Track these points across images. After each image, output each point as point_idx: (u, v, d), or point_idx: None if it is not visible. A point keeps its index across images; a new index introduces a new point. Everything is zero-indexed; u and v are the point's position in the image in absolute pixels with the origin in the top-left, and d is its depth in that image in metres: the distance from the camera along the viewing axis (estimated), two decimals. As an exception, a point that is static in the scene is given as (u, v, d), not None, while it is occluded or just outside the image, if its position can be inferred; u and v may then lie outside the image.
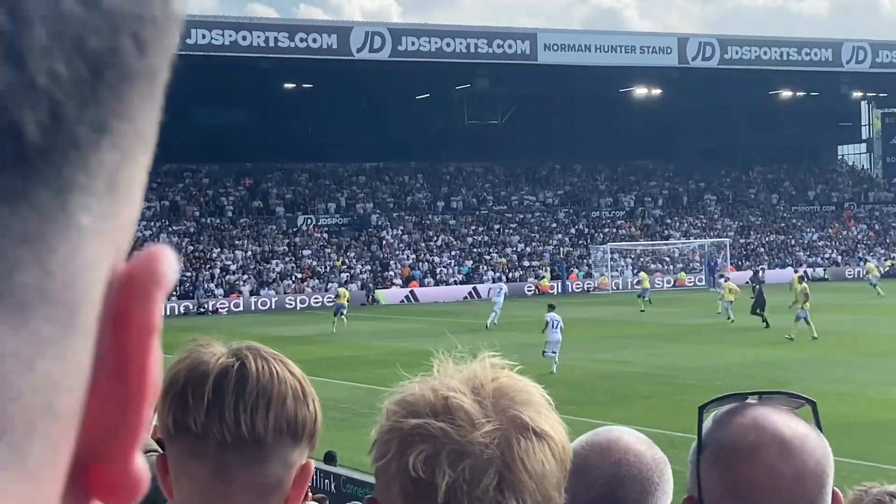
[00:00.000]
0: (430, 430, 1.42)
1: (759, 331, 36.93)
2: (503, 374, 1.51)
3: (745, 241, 79.36)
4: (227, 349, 1.91)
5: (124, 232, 0.50)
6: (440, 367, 1.52)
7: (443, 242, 73.04)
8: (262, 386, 1.83)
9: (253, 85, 70.02)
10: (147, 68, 0.48)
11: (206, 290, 62.32)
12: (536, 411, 1.47)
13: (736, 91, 79.77)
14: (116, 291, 0.48)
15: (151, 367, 0.48)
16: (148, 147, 0.50)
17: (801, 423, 1.84)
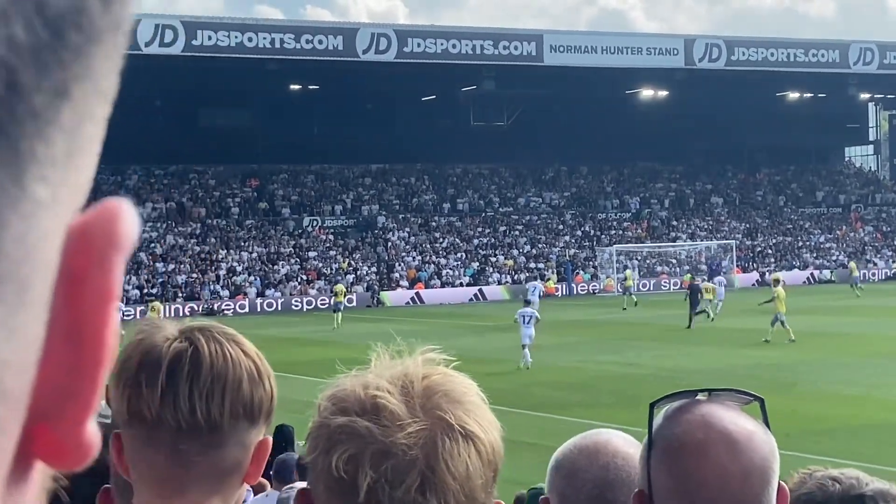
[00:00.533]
0: (355, 429, 1.42)
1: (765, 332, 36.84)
2: (436, 372, 1.49)
3: (752, 244, 79.25)
4: (179, 331, 1.86)
5: (82, 190, 0.49)
6: (376, 361, 1.51)
7: (449, 244, 73.01)
8: (216, 371, 1.80)
9: (259, 86, 70.06)
10: (112, 23, 0.45)
11: (212, 292, 62.33)
12: (465, 411, 1.45)
13: (743, 92, 79.70)
14: (71, 250, 0.46)
15: (108, 334, 0.46)
16: (107, 100, 0.48)
17: (748, 420, 1.86)
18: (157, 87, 69.42)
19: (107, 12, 0.45)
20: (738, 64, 73.20)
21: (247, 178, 76.63)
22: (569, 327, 42.37)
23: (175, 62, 61.99)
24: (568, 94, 77.22)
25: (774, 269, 75.25)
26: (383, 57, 65.05)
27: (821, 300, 54.06)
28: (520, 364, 29.42)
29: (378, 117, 77.78)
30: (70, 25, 0.43)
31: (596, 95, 77.90)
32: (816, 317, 43.16)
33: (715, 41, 73.40)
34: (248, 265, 66.43)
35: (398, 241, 72.60)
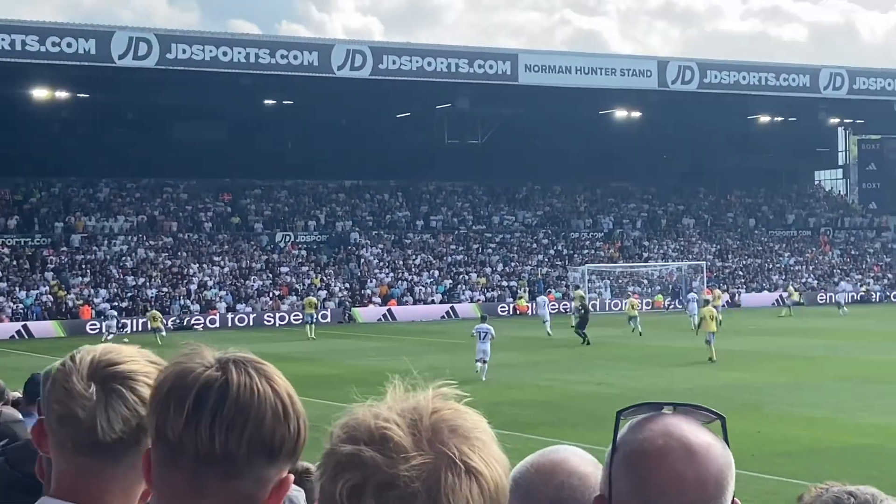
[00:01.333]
0: (361, 458, 1.45)
1: (734, 353, 37.04)
2: (447, 407, 1.53)
3: (723, 265, 79.68)
4: (216, 359, 1.91)
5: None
6: (391, 393, 1.55)
7: (421, 261, 73.06)
8: (241, 404, 1.84)
9: (233, 101, 69.96)
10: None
11: (182, 306, 62.10)
12: (471, 447, 1.48)
13: (715, 115, 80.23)
14: None
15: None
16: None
17: (707, 434, 1.92)
18: (131, 100, 69.27)
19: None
20: (711, 86, 73.68)
21: (220, 192, 76.44)
22: (539, 346, 42.47)
23: (149, 75, 61.86)
24: (542, 114, 77.49)
25: (744, 290, 75.74)
26: (358, 73, 65.11)
27: (790, 323, 54.42)
28: (481, 377, 30.76)
29: (352, 133, 77.80)
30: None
31: (570, 115, 78.23)
32: (784, 338, 43.45)
33: (688, 63, 73.87)
34: (220, 280, 66.23)
35: (371, 257, 72.58)
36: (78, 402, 2.13)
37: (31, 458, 3.15)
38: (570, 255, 77.58)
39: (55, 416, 2.17)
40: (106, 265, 65.30)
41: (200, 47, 61.73)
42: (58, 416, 2.16)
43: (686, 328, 48.44)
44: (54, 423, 2.18)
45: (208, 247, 70.05)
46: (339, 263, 71.18)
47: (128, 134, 72.97)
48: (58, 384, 2.18)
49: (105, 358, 2.18)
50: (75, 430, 2.13)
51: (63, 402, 2.15)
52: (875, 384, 28.68)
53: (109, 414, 2.11)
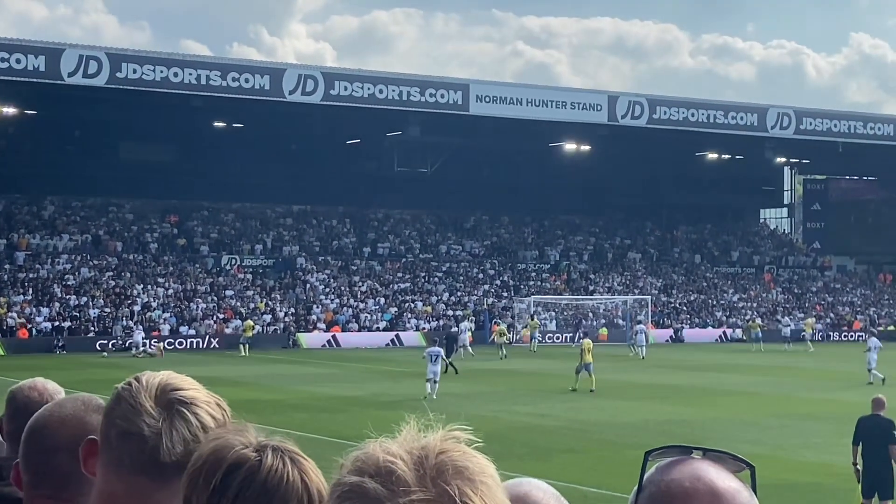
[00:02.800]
0: (364, 490, 1.45)
1: (677, 388, 37.22)
2: (455, 448, 1.53)
3: (668, 300, 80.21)
4: (257, 441, 1.94)
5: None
6: (405, 430, 1.56)
7: (368, 288, 72.89)
8: (267, 489, 1.85)
9: (183, 122, 69.62)
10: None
11: (125, 327, 61.47)
12: (474, 489, 1.48)
13: (663, 150, 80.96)
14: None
15: None
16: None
17: (735, 480, 1.91)
18: (79, 117, 68.74)
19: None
20: (660, 122, 74.34)
21: (166, 213, 75.90)
22: (484, 376, 42.46)
23: (98, 94, 61.39)
24: (492, 144, 77.81)
25: (688, 325, 76.24)
26: (309, 98, 65.03)
27: (732, 359, 54.82)
28: (424, 395, 32.63)
29: (302, 158, 77.66)
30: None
31: (520, 146, 78.60)
32: (727, 375, 43.74)
33: (638, 99, 74.52)
34: (164, 301, 65.67)
35: (317, 283, 72.31)
36: (145, 420, 2.15)
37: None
38: (516, 285, 77.75)
39: (117, 432, 2.18)
40: (49, 284, 64.54)
41: (151, 67, 61.37)
42: (121, 432, 2.17)
43: (633, 361, 48.63)
44: (115, 440, 2.18)
45: (153, 268, 69.46)
46: (284, 288, 70.85)
47: (75, 152, 72.34)
48: (124, 402, 2.20)
49: (171, 382, 2.23)
50: (138, 448, 2.15)
51: (129, 419, 2.16)
52: (814, 421, 28.93)
53: (174, 435, 2.14)
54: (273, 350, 59.74)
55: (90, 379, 33.92)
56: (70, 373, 37.93)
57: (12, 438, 3.53)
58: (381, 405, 31.23)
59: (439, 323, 69.77)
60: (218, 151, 75.00)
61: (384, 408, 30.31)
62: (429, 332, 66.78)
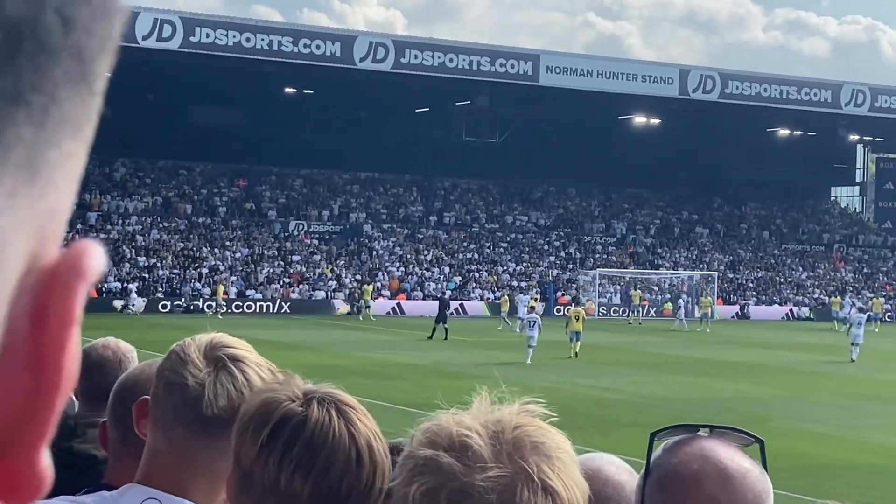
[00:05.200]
0: (439, 464, 1.44)
1: (742, 365, 36.96)
2: (531, 423, 1.51)
3: (734, 276, 79.51)
4: (303, 393, 1.92)
5: (48, 220, 0.48)
6: (477, 402, 1.54)
7: (433, 257, 73.03)
8: (313, 445, 1.85)
9: (253, 87, 70.03)
10: (74, 48, 0.46)
11: (194, 290, 62.18)
12: (551, 466, 1.46)
13: (734, 126, 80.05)
14: (40, 284, 0.47)
15: (67, 360, 0.46)
16: (79, 136, 0.49)
17: (745, 458, 1.90)
18: (152, 81, 69.37)
19: (67, 35, 0.45)
20: (732, 97, 73.49)
21: (235, 177, 76.52)
22: (548, 348, 42.44)
23: (171, 58, 61.93)
24: (561, 116, 77.41)
25: (754, 302, 75.54)
26: (380, 66, 65.11)
27: (799, 337, 54.27)
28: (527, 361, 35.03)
29: (370, 126, 77.80)
30: (26, 33, 0.43)
31: (589, 119, 78.14)
32: (793, 353, 43.33)
33: (710, 73, 73.69)
34: (231, 265, 66.31)
35: (383, 250, 72.58)
36: (190, 370, 2.16)
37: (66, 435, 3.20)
38: (581, 258, 77.48)
39: (164, 385, 2.20)
40: (119, 244, 65.45)
41: (224, 32, 61.79)
42: (166, 384, 2.19)
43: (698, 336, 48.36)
44: (162, 393, 2.20)
45: (221, 231, 70.13)
46: (350, 255, 71.20)
47: (147, 115, 73.06)
48: (174, 355, 2.22)
49: (222, 340, 2.24)
50: (181, 399, 2.16)
51: (175, 370, 2.18)
52: (880, 402, 28.59)
53: (217, 388, 2.14)
54: (338, 317, 60.13)
55: (158, 339, 34.36)
56: (139, 333, 38.48)
57: (86, 396, 3.60)
58: (444, 374, 31.36)
59: (504, 293, 69.76)
60: (287, 117, 75.41)
61: (447, 377, 30.44)
62: (493, 301, 66.86)
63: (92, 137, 0.49)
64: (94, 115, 0.50)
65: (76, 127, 0.48)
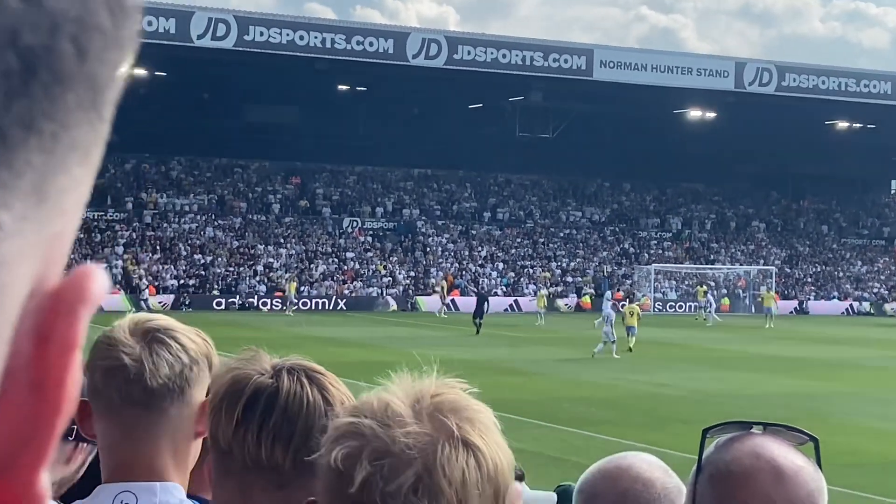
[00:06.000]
0: (360, 428, 1.47)
1: (801, 361, 36.51)
2: (451, 392, 1.53)
3: (792, 271, 78.66)
4: (271, 366, 1.92)
5: (54, 245, 0.48)
6: (397, 378, 1.55)
7: (487, 253, 72.94)
8: (289, 415, 1.85)
9: (307, 85, 70.28)
10: (87, 76, 0.46)
11: (249, 287, 62.54)
12: (471, 425, 1.48)
13: (791, 119, 79.11)
14: (43, 307, 0.47)
15: (69, 383, 0.47)
16: (87, 161, 0.49)
17: (798, 455, 1.86)
18: (206, 79, 69.83)
19: (81, 63, 0.45)
20: (789, 90, 72.70)
21: (289, 175, 76.89)
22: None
23: (225, 56, 62.30)
24: (615, 110, 76.98)
25: (813, 297, 74.68)
26: (433, 62, 65.09)
27: (859, 332, 53.57)
28: (608, 352, 35.67)
29: (423, 122, 77.84)
30: (41, 62, 0.43)
31: (643, 113, 77.60)
32: (853, 348, 42.77)
33: (766, 66, 72.94)
34: (286, 262, 66.63)
35: (436, 246, 72.59)
36: (123, 350, 2.14)
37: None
38: (636, 253, 77.04)
39: (101, 372, 2.16)
40: (175, 242, 65.96)
41: (278, 30, 62.06)
42: (104, 371, 2.15)
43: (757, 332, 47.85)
44: (100, 383, 2.17)
45: (275, 229, 70.50)
46: (404, 251, 71.27)
47: (202, 114, 73.57)
48: (100, 344, 2.19)
49: (142, 317, 2.24)
50: (123, 379, 2.14)
51: (109, 356, 2.15)
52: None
53: (155, 359, 2.12)
54: (392, 313, 60.23)
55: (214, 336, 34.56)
56: (194, 330, 38.70)
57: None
58: (498, 370, 31.24)
59: (558, 289, 69.53)
60: (341, 114, 75.61)
61: (501, 373, 30.32)
62: (549, 297, 66.64)
63: (99, 163, 0.49)
64: (102, 140, 0.49)
65: (85, 153, 0.48)
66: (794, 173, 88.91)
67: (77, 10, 0.44)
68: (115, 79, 0.49)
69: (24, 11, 0.42)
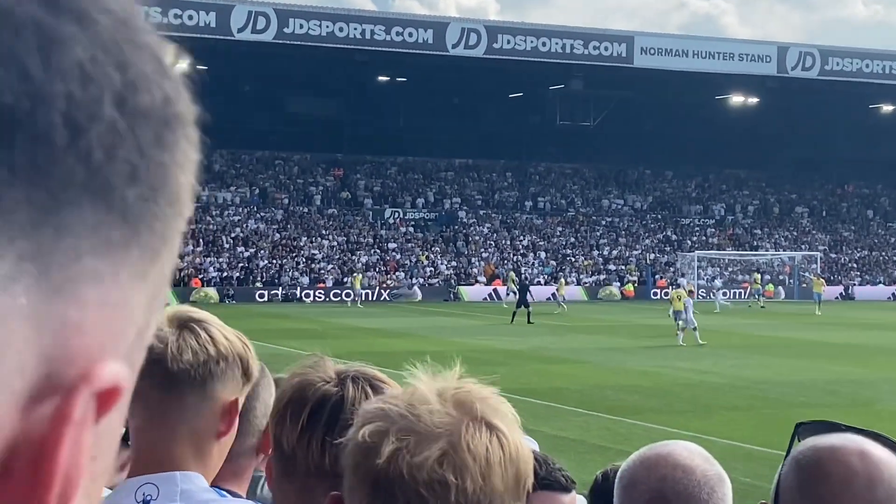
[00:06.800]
0: (388, 411, 1.51)
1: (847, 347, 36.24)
2: (472, 387, 1.57)
3: (837, 256, 78.03)
4: (336, 373, 1.97)
5: (71, 334, 0.46)
6: (414, 377, 1.58)
7: (529, 242, 72.87)
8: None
9: (347, 76, 70.46)
10: (84, 157, 0.45)
11: (292, 279, 62.86)
12: (494, 412, 1.53)
13: (835, 103, 78.41)
14: (56, 394, 0.46)
15: (62, 456, 0.45)
16: (112, 261, 0.47)
17: (886, 451, 1.87)
18: (247, 72, 70.16)
19: (71, 138, 0.45)
20: (832, 74, 72.05)
21: (331, 167, 77.15)
22: (647, 332, 42.10)
23: (266, 49, 62.57)
24: (656, 97, 76.61)
25: (858, 282, 74.07)
26: (472, 52, 65.05)
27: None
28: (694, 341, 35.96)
29: (464, 112, 77.81)
30: (18, 120, 0.43)
31: (684, 99, 77.19)
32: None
33: (809, 50, 72.33)
34: (328, 254, 66.88)
35: (478, 236, 72.60)
36: (156, 334, 2.17)
37: None
38: (678, 241, 76.70)
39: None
40: (218, 235, 66.38)
41: (317, 22, 62.25)
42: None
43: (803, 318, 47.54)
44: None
45: (317, 220, 70.77)
46: (446, 241, 71.35)
47: (243, 106, 73.93)
48: None
49: (184, 308, 2.29)
50: (147, 360, 2.13)
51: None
52: None
53: (180, 343, 2.16)
54: (434, 303, 60.33)
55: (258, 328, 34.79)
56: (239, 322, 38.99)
57: None
58: (542, 359, 31.25)
59: (600, 277, 69.37)
60: (381, 105, 75.77)
61: (545, 361, 30.33)
62: (591, 286, 66.53)
63: (140, 274, 0.48)
64: (131, 247, 0.48)
65: (102, 246, 0.46)
66: (838, 158, 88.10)
67: (65, 90, 0.44)
68: (135, 180, 0.47)
69: (8, 77, 0.43)
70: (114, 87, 0.46)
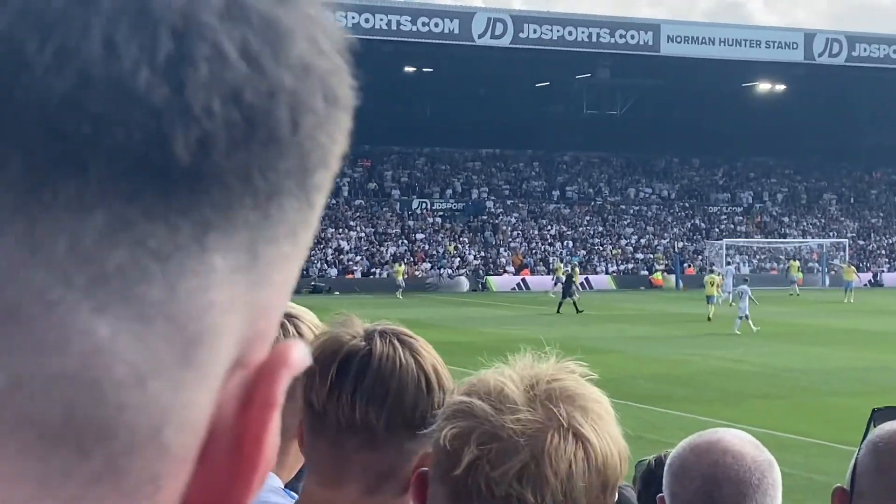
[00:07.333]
0: (471, 408, 1.48)
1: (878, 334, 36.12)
2: (568, 378, 1.55)
3: (865, 243, 77.65)
4: (364, 330, 1.96)
5: (262, 314, 0.48)
6: (518, 359, 1.59)
7: (556, 231, 72.85)
8: (382, 376, 1.89)
9: (373, 67, 70.47)
10: (298, 148, 0.47)
11: (320, 270, 63.09)
12: (584, 416, 1.49)
13: (862, 90, 77.98)
14: (250, 377, 0.48)
15: (266, 441, 0.47)
16: (294, 240, 0.50)
17: None
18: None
19: (294, 131, 0.47)
20: (860, 60, 71.62)
21: (358, 158, 77.28)
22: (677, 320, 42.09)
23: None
24: (683, 85, 76.39)
25: (887, 269, 73.66)
26: (498, 42, 65.03)
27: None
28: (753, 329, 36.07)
29: (490, 102, 77.79)
30: (259, 121, 0.45)
31: (711, 87, 76.92)
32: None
33: (836, 36, 71.93)
34: (356, 245, 67.07)
35: (506, 226, 72.63)
36: None
37: None
38: (707, 229, 76.49)
39: None
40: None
41: (343, 14, 62.17)
42: None
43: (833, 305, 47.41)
44: None
45: (345, 212, 70.96)
46: (473, 231, 71.41)
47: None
48: None
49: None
50: None
51: None
52: None
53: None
54: (462, 293, 60.43)
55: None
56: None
57: None
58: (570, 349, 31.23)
59: (628, 266, 69.30)
60: (408, 96, 75.82)
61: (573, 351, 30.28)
62: (619, 275, 66.48)
63: (305, 254, 0.51)
64: (310, 228, 0.51)
65: (292, 230, 0.49)
66: (866, 145, 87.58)
67: (292, 85, 0.46)
68: (326, 167, 0.51)
69: (248, 72, 0.44)
70: (323, 79, 0.50)
